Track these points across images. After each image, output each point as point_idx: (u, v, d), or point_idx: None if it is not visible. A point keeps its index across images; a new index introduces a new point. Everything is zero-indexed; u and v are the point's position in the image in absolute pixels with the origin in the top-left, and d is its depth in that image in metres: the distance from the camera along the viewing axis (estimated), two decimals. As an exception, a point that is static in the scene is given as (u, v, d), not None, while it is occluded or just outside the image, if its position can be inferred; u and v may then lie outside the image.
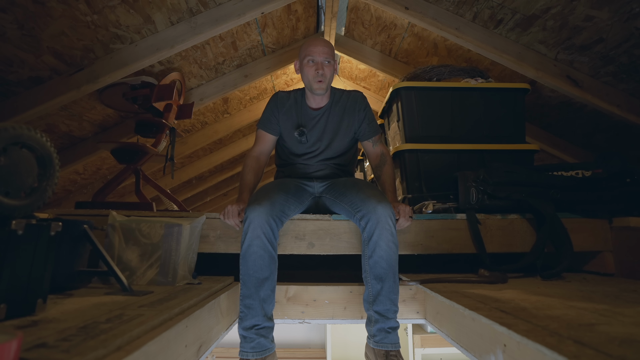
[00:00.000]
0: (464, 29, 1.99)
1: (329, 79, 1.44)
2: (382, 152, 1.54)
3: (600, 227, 1.46)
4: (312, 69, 1.41)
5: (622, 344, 0.57)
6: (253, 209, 1.19)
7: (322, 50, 1.41)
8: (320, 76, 1.40)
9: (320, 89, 1.43)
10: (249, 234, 1.16)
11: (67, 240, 1.03)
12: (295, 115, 1.52)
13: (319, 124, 1.51)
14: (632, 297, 0.95)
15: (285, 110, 1.52)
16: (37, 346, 0.56)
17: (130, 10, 1.74)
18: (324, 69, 1.41)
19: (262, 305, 1.14)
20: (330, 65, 1.43)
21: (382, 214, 1.18)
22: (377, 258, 1.17)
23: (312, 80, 1.42)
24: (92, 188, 3.17)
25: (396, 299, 1.18)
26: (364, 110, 1.53)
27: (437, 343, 2.99)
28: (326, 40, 1.47)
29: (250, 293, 1.15)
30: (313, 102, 1.51)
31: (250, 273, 1.15)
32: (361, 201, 1.24)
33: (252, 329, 1.13)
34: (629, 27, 1.60)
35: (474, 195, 1.52)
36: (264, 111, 1.55)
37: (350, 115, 1.52)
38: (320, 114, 1.51)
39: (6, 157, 0.74)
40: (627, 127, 2.13)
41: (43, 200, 0.83)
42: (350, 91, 1.58)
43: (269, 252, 1.17)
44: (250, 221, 1.17)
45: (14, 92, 1.85)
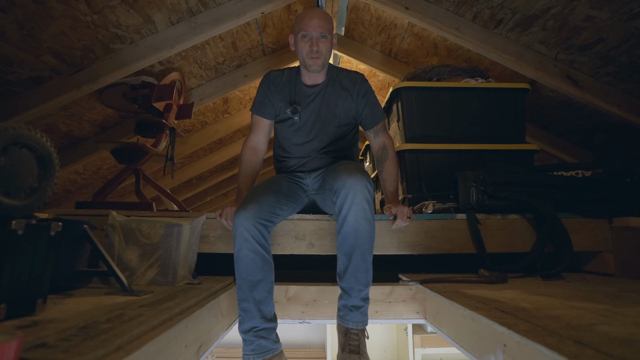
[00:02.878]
0: (464, 29, 1.99)
1: (326, 55, 1.34)
2: (384, 145, 1.44)
3: (600, 227, 1.46)
4: (307, 45, 1.31)
5: (622, 344, 0.57)
6: (239, 213, 1.15)
7: (317, 24, 1.29)
8: (314, 53, 1.30)
9: (316, 65, 1.33)
10: (237, 238, 1.14)
11: (67, 240, 1.03)
12: (288, 93, 1.42)
13: (314, 103, 1.41)
14: (632, 297, 0.95)
15: (279, 90, 1.43)
16: (37, 346, 0.56)
17: (130, 10, 1.74)
18: (319, 45, 1.30)
19: (259, 308, 1.13)
20: (327, 40, 1.32)
21: (352, 187, 1.10)
22: (345, 233, 1.11)
23: (306, 57, 1.33)
24: (92, 188, 3.17)
25: (363, 278, 1.13)
26: (364, 95, 1.41)
27: (437, 343, 2.99)
28: (322, 12, 1.35)
29: (246, 296, 1.13)
30: (308, 79, 1.41)
31: (243, 277, 1.14)
32: (334, 179, 1.18)
33: (251, 332, 1.12)
34: (629, 27, 1.60)
35: (474, 195, 1.51)
36: (257, 93, 1.45)
37: (348, 97, 1.41)
38: (315, 92, 1.41)
39: (6, 157, 0.74)
40: (627, 127, 2.13)
41: (43, 200, 0.83)
42: (350, 71, 1.46)
43: (261, 254, 1.15)
44: (237, 226, 1.14)
45: (14, 92, 1.85)
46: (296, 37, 1.35)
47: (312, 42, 1.31)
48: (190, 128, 3.35)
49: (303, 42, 1.32)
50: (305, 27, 1.31)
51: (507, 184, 1.50)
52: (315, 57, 1.32)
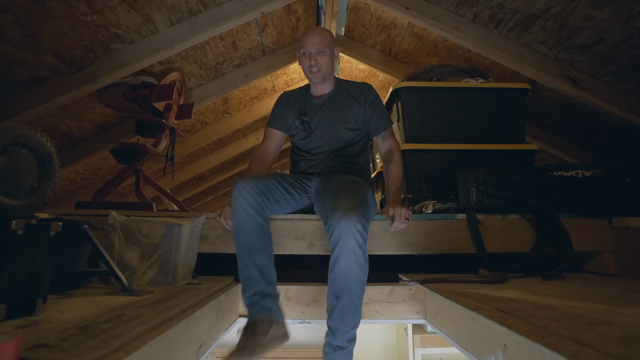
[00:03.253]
0: (464, 29, 1.99)
1: (326, 68, 1.43)
2: (391, 148, 1.50)
3: (600, 227, 1.46)
4: (307, 61, 1.43)
5: (622, 344, 0.57)
6: (237, 184, 1.20)
7: (314, 40, 1.40)
8: (313, 66, 1.41)
9: (316, 77, 1.44)
10: (236, 207, 1.17)
11: (67, 240, 1.03)
12: (298, 106, 1.54)
13: (321, 111, 1.50)
14: (632, 297, 0.95)
15: (290, 104, 1.55)
16: (37, 346, 0.56)
17: (130, 10, 1.74)
18: (317, 59, 1.41)
19: (262, 273, 1.12)
20: (326, 54, 1.42)
21: (345, 229, 1.06)
22: (335, 275, 1.09)
23: (307, 72, 1.45)
24: (92, 188, 3.16)
25: (350, 320, 1.10)
26: (371, 102, 1.48)
27: (437, 343, 2.99)
28: (321, 29, 1.47)
29: (247, 263, 1.13)
30: (316, 91, 1.52)
31: (243, 245, 1.15)
32: (331, 210, 1.15)
33: (255, 295, 1.10)
34: (629, 27, 1.60)
35: (474, 195, 1.51)
36: (273, 110, 1.59)
37: (355, 104, 1.48)
38: (322, 102, 1.51)
39: (6, 157, 0.74)
40: (627, 127, 2.13)
41: (43, 200, 0.83)
42: (358, 82, 1.56)
43: (260, 223, 1.17)
44: (235, 196, 1.18)
45: (14, 92, 1.85)
46: (299, 56, 1.47)
47: (310, 57, 1.42)
48: (190, 128, 3.35)
49: (304, 58, 1.45)
50: (304, 45, 1.43)
51: (507, 184, 1.50)
52: (314, 70, 1.43)
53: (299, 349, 3.50)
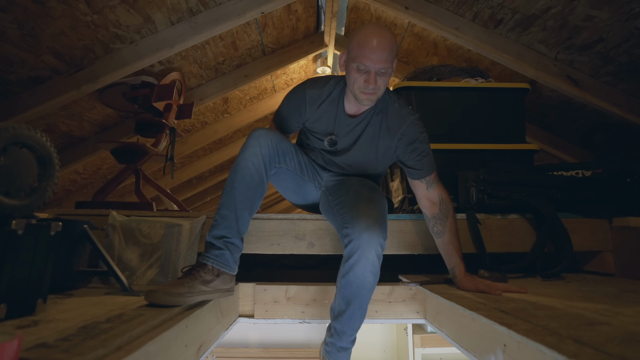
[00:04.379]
0: (464, 29, 1.99)
1: (381, 89, 1.14)
2: (442, 198, 1.23)
3: (600, 227, 1.46)
4: (361, 78, 1.11)
5: (621, 343, 0.57)
6: (258, 130, 1.13)
7: (379, 57, 1.07)
8: (371, 90, 1.11)
9: (369, 101, 1.15)
10: (248, 149, 1.10)
11: (67, 240, 1.03)
12: (327, 122, 1.26)
13: (352, 133, 1.26)
14: (632, 297, 0.95)
15: (316, 115, 1.26)
16: (37, 346, 0.56)
17: (130, 10, 1.74)
18: (378, 81, 1.10)
19: (237, 221, 1.06)
20: (387, 74, 1.11)
21: (367, 242, 1.03)
22: (348, 281, 1.07)
23: (357, 90, 1.13)
24: (92, 188, 3.17)
25: (357, 324, 1.11)
26: (410, 142, 1.22)
27: (437, 343, 2.99)
28: (388, 38, 1.09)
29: (229, 203, 1.07)
30: (352, 108, 1.23)
31: (235, 185, 1.07)
32: (350, 218, 1.09)
33: (222, 239, 1.05)
34: (629, 26, 1.60)
35: (474, 195, 1.51)
36: (283, 106, 1.30)
37: (390, 137, 1.24)
38: (356, 122, 1.24)
39: (6, 157, 0.74)
40: (627, 127, 2.13)
41: (43, 200, 0.83)
42: (402, 107, 1.25)
43: (261, 175, 1.10)
44: (253, 138, 1.11)
45: (14, 92, 1.85)
46: (348, 64, 1.13)
47: (369, 78, 1.09)
48: (190, 128, 3.35)
49: (357, 73, 1.11)
50: (364, 60, 1.08)
51: (507, 183, 1.50)
52: (370, 93, 1.12)
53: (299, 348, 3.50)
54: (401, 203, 1.86)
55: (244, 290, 1.37)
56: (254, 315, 1.36)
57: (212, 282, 0.99)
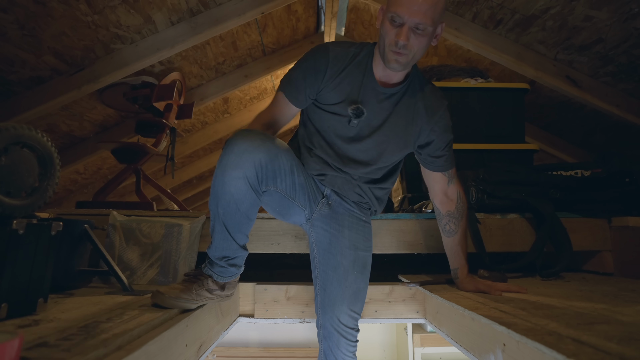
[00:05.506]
0: (463, 29, 1.99)
1: (416, 53, 0.93)
2: (459, 196, 1.13)
3: (599, 226, 1.46)
4: (393, 32, 0.91)
5: (620, 343, 0.58)
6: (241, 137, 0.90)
7: (418, 9, 0.87)
8: (400, 47, 0.91)
9: (397, 63, 0.94)
10: (230, 171, 0.89)
11: (68, 239, 1.03)
12: (352, 83, 1.03)
13: (383, 106, 1.04)
14: (630, 297, 0.96)
15: (339, 77, 1.03)
16: (38, 345, 0.56)
17: (131, 11, 1.75)
18: (411, 39, 0.90)
19: (234, 239, 0.95)
20: (425, 34, 0.91)
21: (341, 342, 1.04)
22: None
23: (387, 47, 0.93)
24: (93, 188, 3.17)
25: None
26: (443, 131, 1.08)
27: (437, 342, 2.99)
28: None
29: (220, 229, 0.94)
30: (382, 74, 1.02)
31: (220, 212, 0.93)
32: (329, 305, 1.04)
33: (223, 259, 0.97)
34: (628, 27, 1.60)
35: (473, 194, 1.52)
36: (297, 68, 1.06)
37: (428, 118, 1.06)
38: (389, 93, 1.04)
39: (7, 157, 0.74)
40: (626, 127, 2.13)
41: (44, 199, 0.83)
42: (437, 89, 1.09)
43: (250, 200, 0.93)
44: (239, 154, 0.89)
45: (15, 92, 1.85)
46: (384, 15, 0.94)
47: (400, 33, 0.90)
48: (191, 128, 3.35)
49: (390, 26, 0.91)
50: (399, 9, 0.88)
51: (506, 183, 1.50)
52: (399, 52, 0.92)
53: (299, 348, 3.50)
54: (401, 202, 1.87)
55: (244, 290, 1.37)
56: (254, 315, 1.36)
57: (216, 291, 0.98)
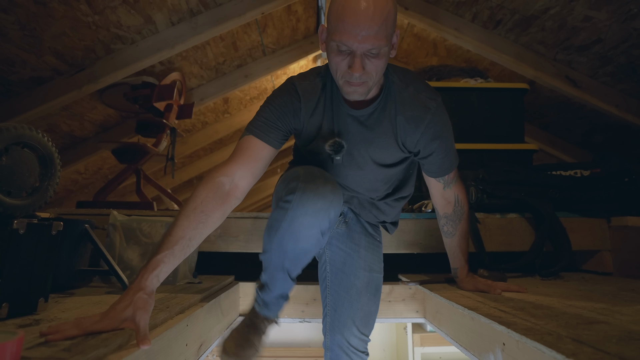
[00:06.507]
0: (463, 30, 2.00)
1: (376, 76, 0.80)
2: (457, 198, 1.04)
3: (599, 226, 1.46)
4: (343, 63, 0.78)
5: (619, 342, 0.58)
6: (318, 198, 0.80)
7: (366, 32, 0.73)
8: (357, 79, 0.78)
9: (358, 94, 0.82)
10: (306, 231, 0.82)
11: (68, 239, 1.04)
12: (323, 114, 0.93)
13: (363, 132, 0.93)
14: (630, 296, 0.96)
15: (310, 112, 0.93)
16: (39, 345, 0.56)
17: (131, 11, 1.75)
18: (366, 67, 0.77)
19: (290, 276, 0.90)
20: (381, 56, 0.77)
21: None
22: None
23: (340, 79, 0.81)
24: (93, 187, 3.17)
25: None
26: (434, 137, 0.93)
27: (436, 342, 2.99)
28: (379, 3, 0.73)
29: (279, 267, 0.88)
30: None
31: (283, 257, 0.86)
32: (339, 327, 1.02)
33: (280, 298, 0.93)
34: (627, 27, 1.60)
35: (473, 194, 1.52)
36: (267, 109, 0.92)
37: (413, 131, 0.92)
38: (364, 116, 0.92)
39: (8, 157, 0.75)
40: (625, 127, 2.13)
41: (44, 199, 0.84)
42: (420, 91, 0.91)
43: (321, 244, 0.89)
44: (315, 214, 0.81)
45: (15, 93, 1.85)
46: (328, 42, 0.80)
47: (352, 63, 0.77)
48: (191, 128, 3.35)
49: (338, 55, 0.78)
50: (344, 37, 0.74)
51: (506, 183, 1.51)
52: (357, 83, 0.80)
53: (299, 347, 3.50)
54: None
55: (245, 289, 1.37)
56: (254, 315, 1.36)
57: (269, 326, 0.97)
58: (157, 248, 0.74)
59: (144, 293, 0.68)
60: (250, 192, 2.58)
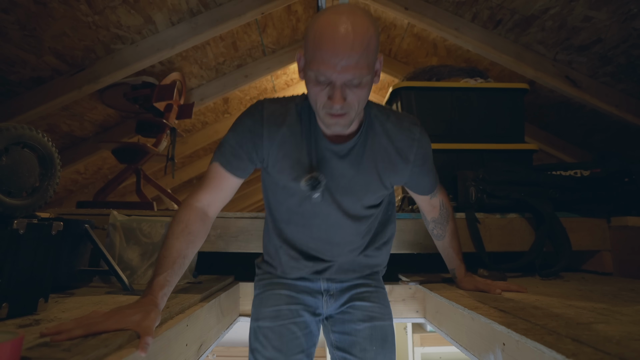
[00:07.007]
0: (463, 30, 2.00)
1: (359, 106, 0.75)
2: (442, 203, 1.05)
3: (599, 226, 1.46)
4: (322, 93, 0.73)
5: (619, 342, 0.58)
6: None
7: (347, 63, 0.68)
8: (337, 110, 0.73)
9: (339, 125, 0.77)
10: None
11: (68, 239, 1.04)
12: (298, 146, 0.85)
13: (344, 168, 0.86)
14: (630, 296, 0.96)
15: (279, 140, 0.85)
16: (39, 345, 0.56)
17: (131, 11, 1.75)
18: (348, 97, 0.72)
19: None
20: (363, 85, 0.72)
21: None
22: None
23: (321, 110, 0.76)
24: (93, 187, 3.17)
25: None
26: (424, 162, 0.92)
27: (436, 342, 2.99)
28: (358, 31, 0.68)
29: None
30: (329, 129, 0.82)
31: None
32: None
33: None
34: (627, 27, 1.60)
35: (473, 194, 1.52)
36: (230, 132, 0.86)
37: (401, 164, 0.89)
38: (345, 151, 0.86)
39: (8, 157, 0.75)
40: (625, 127, 2.13)
41: (44, 199, 0.84)
42: (402, 118, 0.89)
43: None
44: None
45: (15, 93, 1.85)
46: (306, 71, 0.75)
47: (332, 94, 0.72)
48: (191, 128, 3.35)
49: (317, 86, 0.73)
50: (322, 66, 0.69)
51: (506, 183, 1.51)
52: (338, 115, 0.74)
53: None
54: (401, 202, 1.87)
55: (245, 289, 1.37)
56: (254, 315, 1.36)
57: None
58: (158, 269, 0.76)
59: (154, 306, 0.70)
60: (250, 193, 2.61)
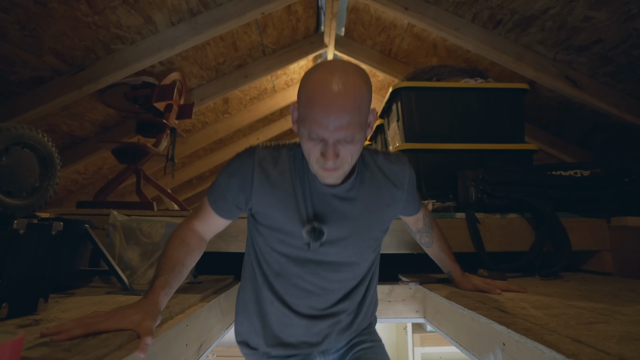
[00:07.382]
0: (463, 30, 2.00)
1: (352, 159, 0.76)
2: (424, 213, 1.09)
3: (599, 226, 1.47)
4: (315, 149, 0.74)
5: (619, 342, 0.58)
6: None
7: (339, 124, 0.69)
8: (330, 165, 0.74)
9: (334, 178, 0.78)
10: None
11: (68, 239, 1.04)
12: (294, 193, 0.84)
13: (344, 212, 0.85)
14: (630, 296, 0.96)
15: (270, 186, 0.83)
16: (39, 345, 0.57)
17: (131, 11, 1.75)
18: (341, 153, 0.73)
19: None
20: (356, 141, 0.73)
21: None
22: None
23: (314, 164, 0.76)
24: (93, 188, 3.17)
25: None
26: (413, 190, 0.97)
27: (436, 342, 3.00)
28: (350, 92, 0.69)
29: None
30: None
31: None
32: None
33: None
34: (627, 27, 1.60)
35: (473, 194, 1.52)
36: (221, 173, 0.86)
37: (400, 191, 0.92)
38: (342, 193, 0.85)
39: (8, 157, 0.75)
40: (625, 127, 2.13)
41: (44, 199, 0.84)
42: (390, 156, 0.93)
43: None
44: None
45: (15, 93, 1.85)
46: (299, 125, 0.76)
47: (325, 151, 0.73)
48: (191, 128, 3.35)
49: (310, 142, 0.74)
50: (314, 125, 0.70)
51: (506, 183, 1.51)
52: (332, 169, 0.75)
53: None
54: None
55: (244, 289, 1.37)
56: (254, 315, 1.35)
57: None
58: (159, 271, 0.78)
59: (155, 306, 0.70)
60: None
